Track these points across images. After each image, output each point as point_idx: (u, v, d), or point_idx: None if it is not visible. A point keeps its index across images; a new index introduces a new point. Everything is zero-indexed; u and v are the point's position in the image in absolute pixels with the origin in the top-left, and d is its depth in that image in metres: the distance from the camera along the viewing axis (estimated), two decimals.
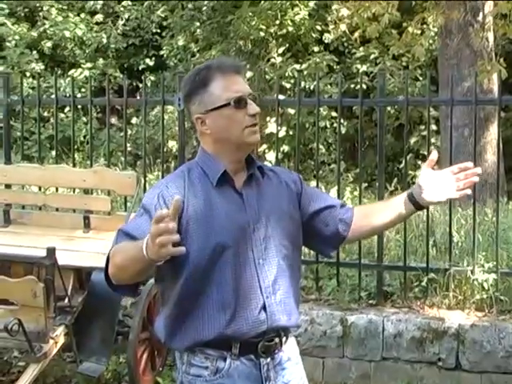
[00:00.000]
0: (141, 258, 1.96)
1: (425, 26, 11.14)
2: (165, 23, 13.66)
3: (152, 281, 4.71)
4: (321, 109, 9.46)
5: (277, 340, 2.24)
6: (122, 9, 14.03)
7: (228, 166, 2.25)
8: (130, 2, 13.99)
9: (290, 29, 12.07)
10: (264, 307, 2.19)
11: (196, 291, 2.17)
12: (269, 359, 2.24)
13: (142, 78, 7.20)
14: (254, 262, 2.20)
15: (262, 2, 12.04)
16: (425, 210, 5.29)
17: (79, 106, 10.18)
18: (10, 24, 13.37)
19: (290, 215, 2.32)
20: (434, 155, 2.29)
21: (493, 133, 8.49)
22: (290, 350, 2.33)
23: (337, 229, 2.38)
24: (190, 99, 2.27)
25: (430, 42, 11.21)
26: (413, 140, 10.62)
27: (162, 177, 5.65)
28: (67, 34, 13.23)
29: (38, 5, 13.94)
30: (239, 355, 2.19)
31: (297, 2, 12.12)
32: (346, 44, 12.21)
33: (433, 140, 9.32)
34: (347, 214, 2.40)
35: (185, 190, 2.20)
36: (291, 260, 2.29)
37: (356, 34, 11.58)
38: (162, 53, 13.41)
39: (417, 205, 2.30)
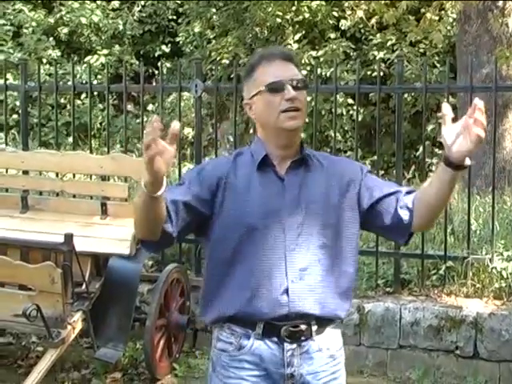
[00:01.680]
0: (143, 196, 2.01)
1: (443, 11, 11.03)
2: (181, 10, 13.62)
3: (169, 267, 4.75)
4: (337, 96, 9.42)
5: (303, 327, 2.21)
6: None
7: (274, 152, 2.28)
8: None
9: (307, 15, 12.00)
10: (287, 291, 2.19)
11: (224, 267, 2.23)
12: (294, 345, 2.22)
13: (158, 64, 7.19)
14: (284, 247, 2.21)
15: None
16: None
17: (95, 93, 10.20)
18: (27, 11, 13.39)
19: (338, 206, 2.28)
20: (445, 109, 2.15)
21: (511, 120, 8.41)
22: (324, 341, 2.27)
23: (399, 216, 2.28)
24: (243, 86, 2.37)
25: (448, 28, 11.11)
26: (430, 127, 10.54)
27: (179, 164, 5.65)
28: (83, 20, 13.22)
29: None
30: (263, 335, 2.21)
31: None
32: (362, 30, 12.11)
33: None
34: (408, 199, 2.28)
35: (226, 170, 2.26)
36: (334, 251, 2.26)
37: (373, 21, 11.52)
38: (178, 39, 13.38)
39: (452, 165, 2.16)
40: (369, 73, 11.19)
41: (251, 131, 7.85)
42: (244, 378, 2.23)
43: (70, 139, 7.03)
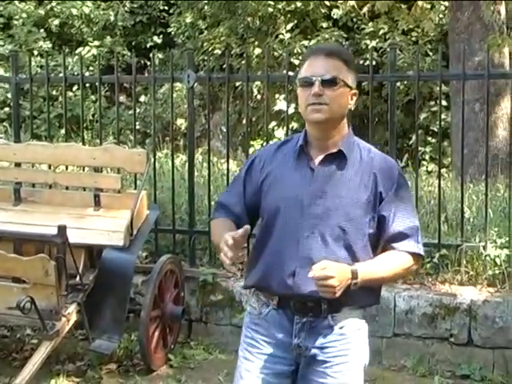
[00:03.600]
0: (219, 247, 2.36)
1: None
2: (172, 0, 13.57)
3: (163, 258, 4.74)
4: None
5: (310, 304, 2.36)
6: None
7: (312, 142, 2.45)
8: None
9: (299, 4, 11.99)
10: (293, 274, 2.35)
11: (258, 244, 2.48)
12: (304, 319, 2.39)
13: (150, 55, 7.16)
14: (299, 233, 2.36)
15: None
16: (436, 186, 5.26)
17: (87, 85, 10.16)
18: (17, 2, 13.32)
19: (362, 203, 2.38)
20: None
21: (504, 107, 8.42)
22: (337, 319, 2.39)
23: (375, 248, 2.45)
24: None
25: (440, 16, 11.11)
26: (423, 116, 10.55)
27: (172, 155, 5.64)
28: (74, 11, 13.17)
29: None
30: (278, 307, 2.42)
31: None
32: (354, 19, 12.11)
33: (443, 116, 9.26)
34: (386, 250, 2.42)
35: (269, 160, 2.49)
36: (351, 244, 2.37)
37: (365, 9, 11.53)
38: (169, 30, 13.34)
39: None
40: (361, 62, 11.18)
41: (244, 121, 7.84)
42: (256, 340, 2.47)
43: (63, 131, 7.00)
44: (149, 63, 12.55)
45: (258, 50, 11.75)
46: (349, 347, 2.42)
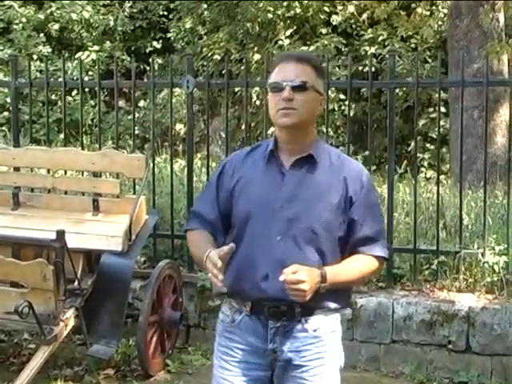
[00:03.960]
0: (201, 261, 2.38)
1: (434, 7, 11.07)
2: (172, 5, 13.58)
3: (161, 263, 4.74)
4: (329, 91, 9.42)
5: (284, 308, 2.36)
6: None
7: (282, 146, 2.46)
8: None
9: (298, 10, 12.00)
10: (266, 278, 2.36)
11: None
12: (278, 324, 2.39)
13: (150, 60, 7.17)
14: (271, 237, 2.38)
15: None
16: (435, 193, 5.26)
17: (87, 89, 10.15)
18: (17, 6, 13.32)
19: (332, 206, 2.40)
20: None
21: (503, 114, 8.42)
22: (311, 322, 2.41)
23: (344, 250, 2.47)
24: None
25: (439, 23, 11.14)
26: (421, 122, 10.55)
27: (171, 160, 5.64)
28: (74, 16, 13.18)
29: None
30: (251, 313, 2.42)
31: None
32: (354, 26, 12.12)
33: (442, 122, 9.28)
34: (354, 253, 2.44)
35: (239, 166, 2.51)
36: (322, 247, 2.39)
37: (364, 16, 11.54)
38: (169, 35, 13.35)
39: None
40: (360, 68, 11.20)
41: (243, 127, 7.84)
42: (231, 348, 2.46)
43: (62, 136, 6.99)
44: (148, 68, 12.56)
45: (257, 56, 11.76)
46: (324, 349, 2.44)
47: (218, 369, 2.50)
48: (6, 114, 11.62)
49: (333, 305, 2.43)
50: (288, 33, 12.00)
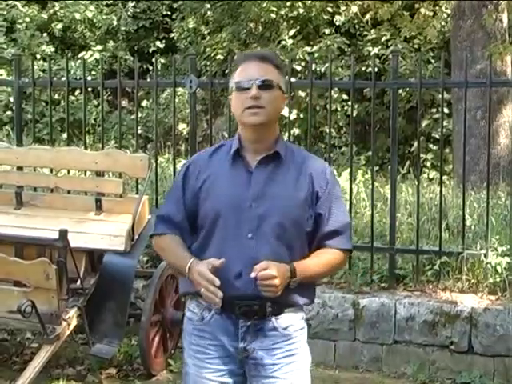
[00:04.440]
0: (182, 270, 2.42)
1: (437, 7, 11.04)
2: (175, 5, 13.59)
3: (163, 263, 4.73)
4: (332, 92, 9.44)
5: (256, 307, 2.40)
6: None
7: (247, 145, 2.48)
8: None
9: (301, 10, 11.99)
10: (240, 275, 2.38)
11: (199, 250, 2.47)
12: (249, 322, 2.42)
13: (153, 60, 7.18)
14: (242, 235, 2.41)
15: None
16: (437, 193, 5.25)
17: (90, 89, 10.17)
18: (21, 6, 13.33)
19: (300, 202, 2.45)
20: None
21: (506, 115, 8.42)
22: (281, 321, 2.45)
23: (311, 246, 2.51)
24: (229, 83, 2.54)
25: (443, 23, 11.12)
26: (424, 123, 10.54)
27: (174, 160, 5.65)
28: (77, 16, 13.18)
29: None
30: (221, 310, 2.42)
31: None
32: (357, 26, 12.12)
33: (445, 123, 9.28)
34: (319, 247, 2.49)
35: (204, 167, 2.51)
36: (292, 242, 2.44)
37: (367, 16, 11.52)
38: (172, 35, 13.35)
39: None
40: (363, 68, 11.21)
41: None
42: (202, 346, 2.47)
43: (65, 135, 7.00)
44: (151, 68, 12.58)
45: None
46: (295, 347, 2.48)
47: (192, 367, 2.51)
48: (9, 113, 11.63)
49: (301, 300, 2.47)
50: (291, 33, 12.00)
